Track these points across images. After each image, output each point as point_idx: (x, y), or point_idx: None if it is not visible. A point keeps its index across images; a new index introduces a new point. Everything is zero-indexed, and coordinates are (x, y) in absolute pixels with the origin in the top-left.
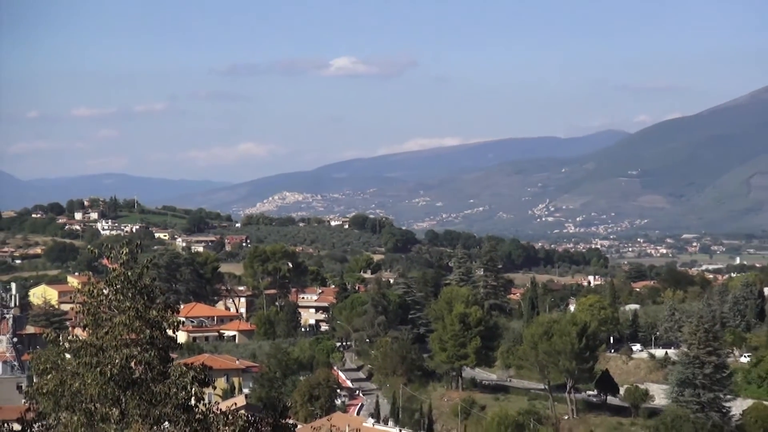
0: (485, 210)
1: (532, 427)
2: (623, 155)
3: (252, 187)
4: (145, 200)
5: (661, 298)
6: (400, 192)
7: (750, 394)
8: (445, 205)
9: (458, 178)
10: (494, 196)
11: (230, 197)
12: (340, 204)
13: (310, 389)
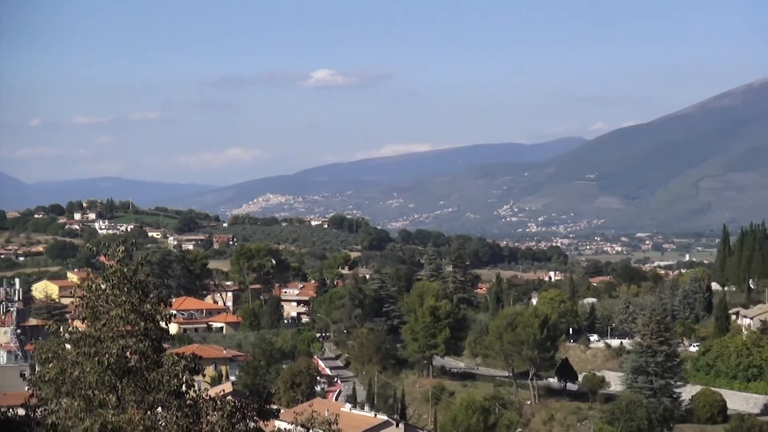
0: (454, 211)
1: (497, 412)
2: (581, 160)
3: (238, 189)
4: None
5: (616, 292)
6: (375, 194)
7: (698, 381)
8: (417, 207)
9: (429, 181)
10: (462, 198)
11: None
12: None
13: (292, 377)
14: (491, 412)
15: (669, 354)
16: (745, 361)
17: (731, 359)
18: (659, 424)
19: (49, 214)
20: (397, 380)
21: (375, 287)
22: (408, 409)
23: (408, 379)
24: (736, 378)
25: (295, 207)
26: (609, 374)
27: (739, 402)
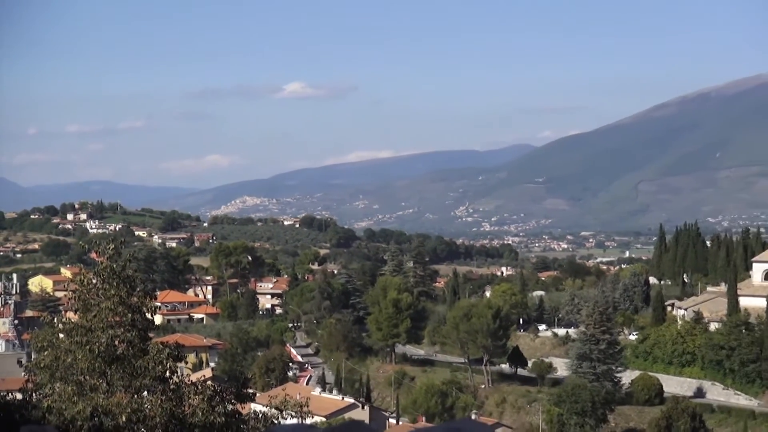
0: (414, 212)
1: (454, 395)
2: (531, 165)
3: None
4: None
5: (562, 285)
6: (342, 196)
7: (637, 366)
8: (381, 208)
9: (392, 184)
10: (422, 200)
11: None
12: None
13: (267, 363)
14: (449, 395)
15: (610, 342)
16: (679, 349)
17: (667, 347)
18: (602, 405)
19: (44, 214)
20: (363, 366)
21: (342, 281)
22: (373, 393)
23: (372, 365)
24: (671, 364)
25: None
26: (556, 360)
27: (674, 385)
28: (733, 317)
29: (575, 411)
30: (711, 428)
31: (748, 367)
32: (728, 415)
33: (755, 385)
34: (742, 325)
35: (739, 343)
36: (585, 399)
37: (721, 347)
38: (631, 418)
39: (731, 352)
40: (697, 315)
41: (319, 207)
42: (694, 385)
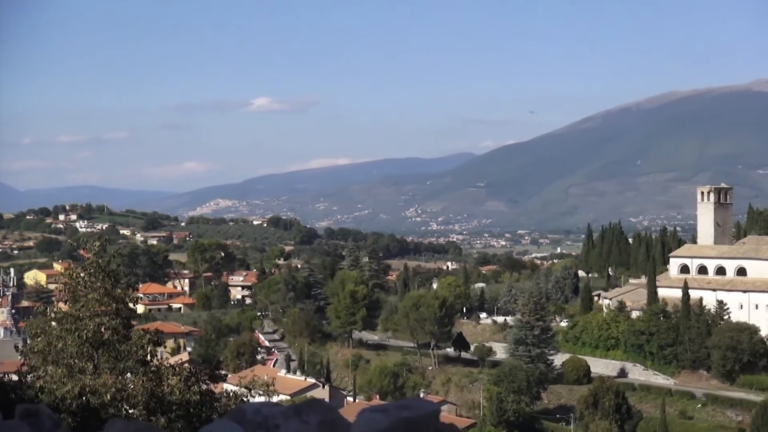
0: (369, 213)
1: (404, 375)
2: (473, 171)
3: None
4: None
5: (501, 278)
6: (305, 199)
7: (567, 350)
8: (339, 209)
9: (349, 188)
10: (376, 202)
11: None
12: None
13: (238, 348)
14: (400, 376)
15: (544, 328)
16: (605, 334)
17: (594, 332)
18: (536, 384)
19: (38, 215)
20: (323, 350)
21: (305, 275)
22: (332, 374)
23: (332, 349)
24: (597, 347)
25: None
26: (495, 345)
27: (600, 367)
28: (652, 306)
29: (512, 389)
30: (633, 404)
31: (666, 350)
32: (648, 393)
33: (672, 366)
34: (660, 313)
35: (657, 329)
36: (521, 379)
37: (642, 333)
38: (562, 395)
39: (650, 337)
40: (620, 304)
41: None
42: (617, 367)
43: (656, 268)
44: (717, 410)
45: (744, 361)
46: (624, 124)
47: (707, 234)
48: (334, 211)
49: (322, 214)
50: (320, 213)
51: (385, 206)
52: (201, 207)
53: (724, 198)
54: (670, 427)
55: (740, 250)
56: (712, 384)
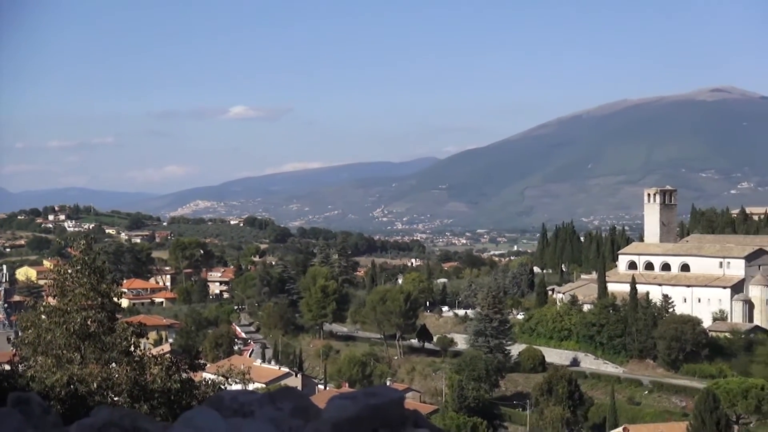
0: (339, 213)
1: (372, 365)
2: (435, 174)
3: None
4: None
5: (462, 274)
6: (279, 200)
7: (523, 341)
8: (311, 210)
9: (320, 190)
10: (345, 203)
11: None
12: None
13: (216, 339)
14: (367, 365)
15: (501, 321)
16: (558, 326)
17: (548, 324)
18: (494, 373)
19: (29, 215)
20: (296, 341)
21: (279, 271)
22: (304, 363)
23: (304, 340)
24: (552, 338)
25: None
26: (457, 336)
27: (554, 356)
28: (602, 300)
29: (472, 377)
30: (584, 391)
31: (615, 341)
32: (598, 380)
33: (620, 355)
34: (609, 307)
35: (607, 321)
36: (480, 367)
37: (593, 324)
38: (518, 383)
39: (601, 329)
40: (572, 298)
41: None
42: (570, 356)
43: (606, 264)
44: (662, 396)
45: (687, 350)
46: (576, 131)
47: (653, 233)
48: (306, 211)
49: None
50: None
51: (353, 207)
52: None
53: (668, 199)
54: (619, 413)
55: (684, 248)
56: (658, 372)
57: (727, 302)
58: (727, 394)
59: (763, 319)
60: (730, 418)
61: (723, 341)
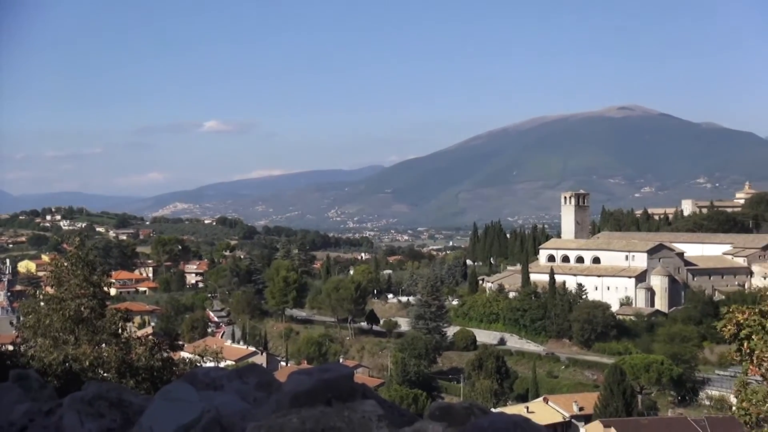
0: (299, 214)
1: (327, 344)
2: (381, 180)
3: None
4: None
5: (405, 266)
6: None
7: (458, 323)
8: (274, 211)
9: (282, 194)
10: (304, 205)
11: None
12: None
13: (192, 323)
14: (323, 345)
15: (439, 306)
16: (487, 310)
17: (479, 309)
18: (433, 351)
19: (29, 216)
20: (261, 324)
21: (246, 264)
22: (269, 344)
23: (268, 323)
24: (482, 321)
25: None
26: (400, 320)
27: (484, 336)
28: (525, 288)
29: (414, 355)
30: (510, 366)
31: (536, 323)
32: (522, 357)
33: (541, 335)
34: (531, 294)
35: (529, 306)
36: (421, 346)
37: (517, 309)
38: (453, 359)
39: (524, 313)
40: (500, 287)
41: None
42: (498, 336)
43: (528, 257)
44: (577, 371)
45: (598, 331)
46: (503, 142)
47: (569, 230)
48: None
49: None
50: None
51: (311, 208)
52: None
53: (582, 202)
54: (540, 385)
55: (595, 243)
56: (573, 350)
57: (632, 290)
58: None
59: (663, 304)
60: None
61: (628, 323)
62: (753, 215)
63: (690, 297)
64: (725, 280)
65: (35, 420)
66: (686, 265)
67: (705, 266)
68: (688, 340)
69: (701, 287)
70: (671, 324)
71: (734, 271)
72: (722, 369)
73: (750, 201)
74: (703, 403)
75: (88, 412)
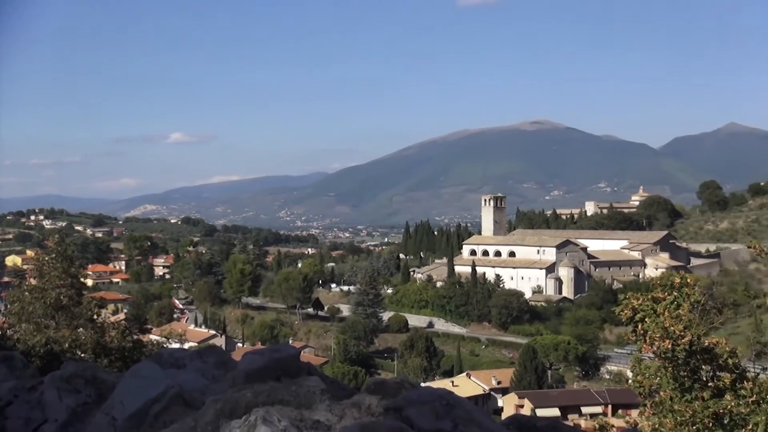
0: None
1: (278, 328)
2: (326, 185)
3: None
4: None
5: (346, 260)
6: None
7: (392, 309)
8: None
9: (239, 197)
10: (258, 206)
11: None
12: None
13: (159, 309)
14: (275, 328)
15: (376, 294)
16: (418, 298)
17: (411, 297)
18: (370, 333)
19: (16, 216)
20: (221, 311)
21: (208, 258)
22: (227, 327)
23: (227, 310)
24: (413, 307)
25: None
26: (342, 306)
27: (415, 320)
28: (450, 278)
29: (354, 337)
30: (438, 346)
31: (460, 308)
32: (448, 338)
33: (464, 319)
34: (456, 283)
35: (454, 293)
36: (360, 329)
37: (444, 297)
38: (388, 340)
39: (449, 300)
40: (429, 277)
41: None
42: (427, 320)
43: (453, 252)
44: (496, 350)
45: (514, 315)
46: (432, 152)
47: (488, 228)
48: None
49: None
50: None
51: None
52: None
53: (499, 203)
54: (463, 362)
55: (511, 239)
56: (492, 332)
57: (542, 280)
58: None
59: (569, 292)
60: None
61: (540, 308)
62: (646, 215)
63: (592, 286)
64: (622, 271)
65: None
66: (589, 258)
67: (605, 259)
68: (591, 323)
69: (602, 277)
70: (576, 309)
71: (630, 263)
72: (620, 347)
73: (643, 203)
74: (604, 377)
75: (66, 388)
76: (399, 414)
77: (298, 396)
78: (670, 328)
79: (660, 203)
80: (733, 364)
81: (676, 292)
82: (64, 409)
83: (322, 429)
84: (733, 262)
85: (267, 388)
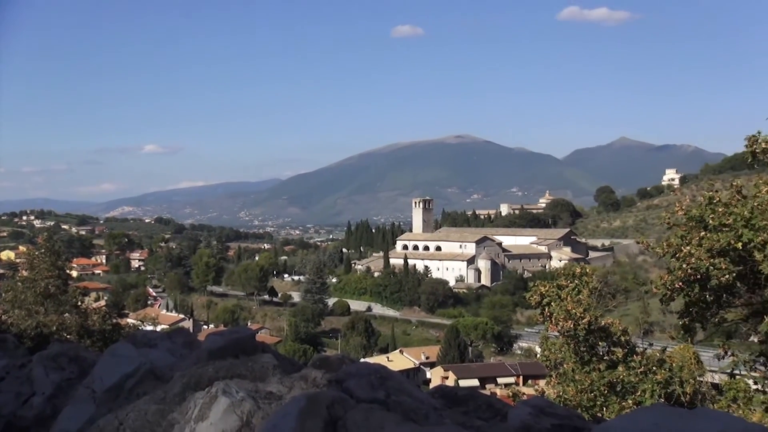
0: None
1: (238, 312)
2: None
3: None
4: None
5: (297, 254)
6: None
7: (337, 296)
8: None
9: (204, 200)
10: (221, 208)
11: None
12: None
13: (136, 297)
14: (235, 312)
15: (322, 283)
16: (358, 286)
17: (352, 285)
18: (318, 316)
19: (10, 216)
20: (189, 298)
21: (177, 252)
22: (194, 312)
23: (194, 297)
24: (354, 294)
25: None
26: (294, 293)
27: (356, 305)
28: (386, 269)
29: (304, 319)
30: (375, 327)
31: (394, 295)
32: (384, 320)
33: (398, 304)
34: (390, 273)
35: (389, 282)
36: (308, 313)
37: (380, 285)
38: (333, 322)
39: (385, 287)
40: (367, 268)
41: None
42: (366, 305)
43: (388, 246)
44: (425, 330)
45: (440, 300)
46: (370, 161)
47: (418, 226)
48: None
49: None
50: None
51: (226, 210)
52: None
53: (427, 205)
54: (397, 341)
55: (437, 236)
56: (421, 314)
57: (464, 270)
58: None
59: (487, 281)
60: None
61: (462, 294)
62: (551, 215)
63: (506, 275)
64: (532, 262)
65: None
66: (503, 251)
67: (517, 252)
68: (505, 307)
69: (515, 268)
70: (493, 295)
71: (538, 256)
72: (530, 327)
73: (549, 205)
74: (516, 352)
75: (52, 366)
76: (340, 385)
77: (253, 371)
78: (572, 310)
79: (563, 205)
80: (625, 340)
81: (577, 281)
82: (50, 384)
83: (274, 399)
84: (624, 254)
85: (227, 364)
